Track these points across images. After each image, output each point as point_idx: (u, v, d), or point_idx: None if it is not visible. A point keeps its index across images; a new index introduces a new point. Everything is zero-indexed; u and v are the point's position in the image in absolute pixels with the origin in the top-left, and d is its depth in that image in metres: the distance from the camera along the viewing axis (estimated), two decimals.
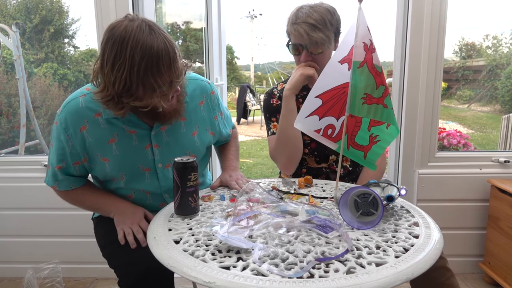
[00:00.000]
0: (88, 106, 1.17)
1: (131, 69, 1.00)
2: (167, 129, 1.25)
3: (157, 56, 1.01)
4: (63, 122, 1.17)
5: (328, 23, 1.40)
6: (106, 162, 1.21)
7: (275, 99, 1.59)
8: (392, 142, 2.19)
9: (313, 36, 1.38)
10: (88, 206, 1.36)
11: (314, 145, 1.57)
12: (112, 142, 1.20)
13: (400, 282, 0.75)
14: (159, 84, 1.04)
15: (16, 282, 2.17)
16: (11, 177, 2.14)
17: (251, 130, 8.27)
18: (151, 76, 1.02)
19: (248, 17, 33.14)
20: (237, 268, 0.78)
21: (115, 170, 1.23)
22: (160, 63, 1.02)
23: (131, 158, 1.22)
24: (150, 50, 1.00)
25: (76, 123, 1.17)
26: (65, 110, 1.18)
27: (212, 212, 1.10)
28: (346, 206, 1.01)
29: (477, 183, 2.12)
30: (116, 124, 1.19)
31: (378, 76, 1.12)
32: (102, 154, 1.20)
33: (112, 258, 1.26)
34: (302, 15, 1.40)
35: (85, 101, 1.18)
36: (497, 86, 11.87)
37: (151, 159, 1.25)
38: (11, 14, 10.04)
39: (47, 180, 1.29)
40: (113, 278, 2.20)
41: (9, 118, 6.82)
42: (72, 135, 1.18)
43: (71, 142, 1.18)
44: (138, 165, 1.24)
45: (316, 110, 1.24)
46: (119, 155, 1.21)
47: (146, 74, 1.02)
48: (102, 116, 1.18)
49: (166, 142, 1.25)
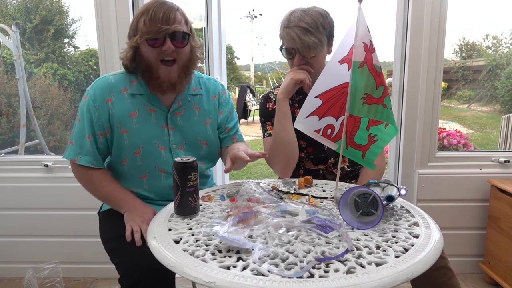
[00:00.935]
0: (117, 82, 1.33)
1: (137, 15, 1.25)
2: (182, 114, 1.38)
3: (159, 6, 1.22)
4: (92, 95, 1.31)
5: (320, 26, 1.40)
6: (125, 134, 1.31)
7: (271, 103, 1.58)
8: (390, 141, 2.20)
9: (305, 40, 1.38)
10: (101, 195, 1.37)
11: (311, 149, 1.56)
12: (133, 116, 1.32)
13: (400, 282, 0.75)
14: (147, 28, 1.21)
15: (16, 282, 2.17)
16: (11, 177, 2.14)
17: (251, 130, 8.27)
18: (145, 17, 1.22)
19: (248, 17, 33.15)
20: (237, 268, 0.78)
21: (132, 142, 1.32)
22: (153, 10, 1.21)
23: (148, 133, 1.33)
24: (156, 2, 1.23)
25: (103, 95, 1.31)
26: (94, 85, 1.33)
27: (212, 212, 1.10)
28: (346, 206, 1.01)
29: (477, 183, 2.12)
30: (139, 99, 1.33)
31: (378, 76, 1.13)
32: (122, 126, 1.31)
33: (115, 254, 1.27)
34: (294, 19, 1.40)
35: (114, 78, 1.34)
36: (497, 86, 11.87)
37: (166, 138, 1.35)
38: (11, 14, 10.04)
39: (67, 155, 1.33)
40: (113, 278, 2.20)
41: (9, 118, 6.82)
42: (99, 106, 1.30)
43: (97, 113, 1.30)
44: (155, 141, 1.34)
45: (316, 110, 1.24)
46: (137, 128, 1.32)
47: (142, 15, 1.23)
48: (128, 91, 1.32)
49: (180, 126, 1.37)
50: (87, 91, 1.33)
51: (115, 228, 1.30)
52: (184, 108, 1.38)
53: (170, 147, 1.36)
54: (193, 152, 1.39)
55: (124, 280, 1.18)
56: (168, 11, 1.23)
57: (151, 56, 1.26)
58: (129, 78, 1.35)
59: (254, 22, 39.27)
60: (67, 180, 2.11)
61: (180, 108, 1.37)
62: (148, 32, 1.22)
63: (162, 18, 1.21)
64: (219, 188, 1.34)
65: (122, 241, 1.22)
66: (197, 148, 1.42)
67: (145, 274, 1.12)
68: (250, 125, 9.47)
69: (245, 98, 9.76)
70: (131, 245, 1.18)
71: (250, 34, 34.81)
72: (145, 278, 1.12)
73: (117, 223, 1.30)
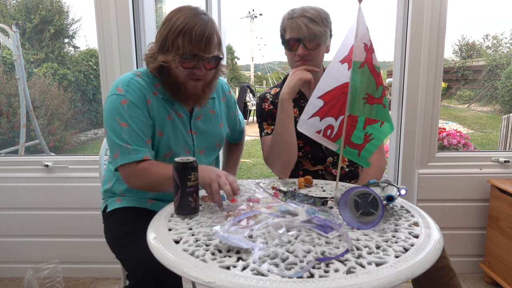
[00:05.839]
0: (147, 84, 1.30)
1: (170, 30, 1.19)
2: (202, 119, 1.40)
3: (194, 27, 1.18)
4: (131, 96, 1.25)
5: (324, 19, 1.42)
6: (160, 136, 1.30)
7: (267, 104, 1.58)
8: (390, 141, 2.20)
9: (312, 28, 1.39)
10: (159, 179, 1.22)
11: (308, 148, 1.56)
12: (169, 119, 1.32)
13: (400, 282, 0.75)
14: (185, 50, 1.19)
15: (16, 282, 2.17)
16: (11, 177, 2.14)
17: (251, 130, 8.27)
18: (181, 39, 1.18)
19: (248, 17, 33.17)
20: (237, 268, 0.78)
21: (166, 144, 1.32)
22: (194, 33, 1.17)
23: (179, 137, 1.34)
24: (193, 19, 1.19)
25: (143, 97, 1.27)
26: (129, 88, 1.26)
27: (212, 212, 1.10)
28: (346, 206, 1.01)
29: (477, 183, 2.12)
30: (169, 104, 1.33)
31: (378, 76, 1.13)
32: (159, 128, 1.30)
33: (121, 251, 1.27)
34: (299, 10, 1.42)
35: (142, 80, 1.30)
36: (497, 86, 11.87)
37: (191, 143, 1.38)
38: (11, 14, 10.05)
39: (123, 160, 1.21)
40: (113, 278, 2.21)
41: (9, 118, 6.82)
42: (143, 106, 1.26)
43: (145, 112, 1.26)
44: (183, 145, 1.36)
45: (318, 111, 1.24)
46: (172, 131, 1.32)
47: (179, 35, 1.18)
48: (158, 95, 1.31)
49: (201, 130, 1.40)
50: (120, 95, 1.24)
51: (122, 225, 1.31)
52: (203, 113, 1.40)
53: (194, 151, 1.38)
54: (210, 154, 1.44)
55: (132, 277, 1.17)
56: (208, 35, 1.19)
57: (181, 74, 1.25)
58: (153, 81, 1.31)
59: (254, 22, 39.27)
60: (67, 180, 2.11)
61: (200, 113, 1.39)
62: (186, 57, 1.20)
63: (204, 43, 1.19)
64: None
65: (129, 238, 1.22)
66: (214, 150, 1.46)
67: (153, 270, 1.12)
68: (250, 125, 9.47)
69: (245, 98, 9.77)
70: (138, 242, 1.17)
71: (250, 34, 34.83)
72: (153, 274, 1.12)
73: (124, 221, 1.31)
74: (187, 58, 1.20)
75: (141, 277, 1.13)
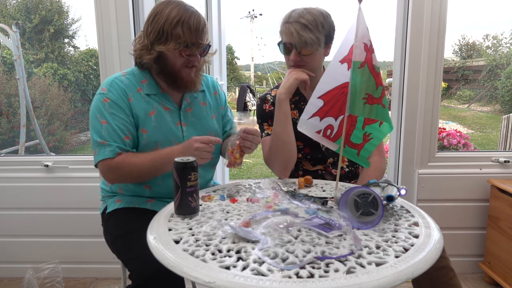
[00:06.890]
0: (131, 82, 1.35)
1: (166, 21, 1.25)
2: (192, 111, 1.43)
3: (190, 16, 1.26)
4: (112, 95, 1.30)
5: (319, 25, 1.41)
6: (144, 133, 1.33)
7: (268, 105, 1.58)
8: (390, 141, 2.20)
9: (303, 36, 1.38)
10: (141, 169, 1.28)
11: (308, 150, 1.56)
12: (152, 114, 1.34)
13: (400, 282, 0.75)
14: (185, 39, 1.25)
15: (16, 282, 2.17)
16: (11, 177, 2.14)
17: None
18: (180, 28, 1.24)
19: (248, 17, 33.16)
20: (237, 268, 0.78)
21: (151, 140, 1.33)
22: (191, 21, 1.25)
23: (166, 130, 1.36)
24: (185, 10, 1.26)
25: (124, 95, 1.32)
26: (111, 88, 1.31)
27: (212, 212, 1.10)
28: (346, 206, 1.01)
29: (477, 183, 2.12)
30: (154, 99, 1.36)
31: (377, 76, 1.13)
32: (142, 125, 1.33)
33: (124, 251, 1.27)
34: (295, 15, 1.41)
35: (126, 79, 1.35)
36: (497, 86, 11.86)
37: (181, 135, 1.39)
38: (11, 14, 10.04)
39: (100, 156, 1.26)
40: (113, 278, 2.21)
41: (9, 118, 6.82)
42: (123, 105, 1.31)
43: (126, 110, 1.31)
44: (172, 138, 1.37)
45: (318, 111, 1.24)
46: (156, 126, 1.34)
47: (177, 25, 1.24)
48: (142, 92, 1.35)
49: (192, 121, 1.43)
50: (102, 94, 1.30)
51: (124, 226, 1.31)
52: (192, 105, 1.44)
53: None
54: None
55: (135, 276, 1.17)
56: (203, 25, 1.29)
57: (178, 62, 1.31)
58: (139, 78, 1.37)
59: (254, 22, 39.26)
60: (67, 180, 2.12)
61: (189, 105, 1.43)
62: (186, 44, 1.27)
63: (201, 31, 1.28)
64: (219, 188, 1.34)
65: (132, 238, 1.23)
66: None
67: (156, 271, 1.12)
68: None
69: (245, 98, 9.75)
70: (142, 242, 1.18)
71: (250, 34, 34.83)
72: (156, 274, 1.12)
73: (125, 221, 1.32)
74: (187, 46, 1.27)
75: (147, 276, 1.13)
